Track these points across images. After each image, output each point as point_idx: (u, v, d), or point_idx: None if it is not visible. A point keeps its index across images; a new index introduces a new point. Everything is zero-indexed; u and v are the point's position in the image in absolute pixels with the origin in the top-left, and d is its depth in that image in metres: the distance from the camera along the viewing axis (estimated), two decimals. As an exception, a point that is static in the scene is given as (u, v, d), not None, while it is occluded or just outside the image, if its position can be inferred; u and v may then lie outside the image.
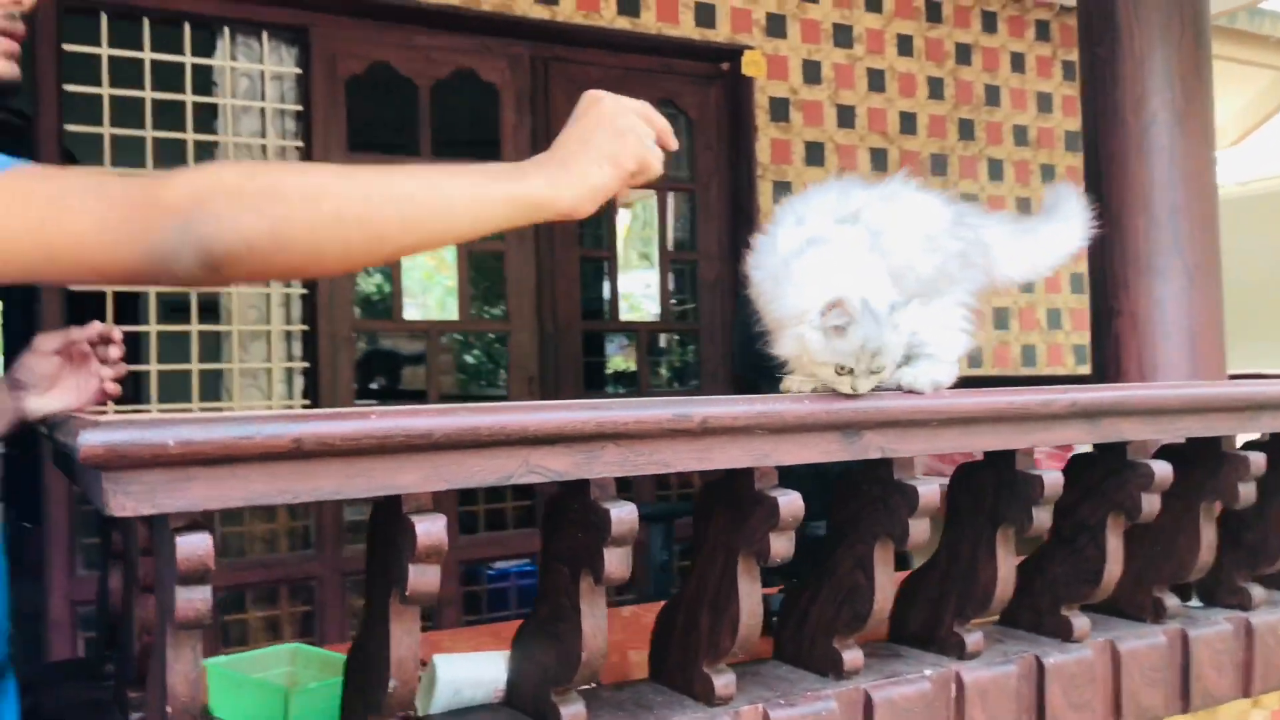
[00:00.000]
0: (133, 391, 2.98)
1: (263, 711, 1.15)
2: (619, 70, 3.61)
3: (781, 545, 1.04)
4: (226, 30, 3.08)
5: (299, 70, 3.14)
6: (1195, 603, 1.55)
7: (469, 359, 10.22)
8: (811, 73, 3.91)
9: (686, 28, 3.67)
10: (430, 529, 0.87)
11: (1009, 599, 1.25)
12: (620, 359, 6.99)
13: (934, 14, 4.21)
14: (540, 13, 3.40)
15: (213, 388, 3.10)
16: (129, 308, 3.59)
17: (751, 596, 1.07)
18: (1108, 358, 2.58)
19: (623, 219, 8.90)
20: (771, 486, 1.04)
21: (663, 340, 5.62)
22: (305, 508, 3.15)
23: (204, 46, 3.08)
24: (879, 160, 4.03)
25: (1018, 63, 4.45)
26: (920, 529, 1.10)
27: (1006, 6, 4.40)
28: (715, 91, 3.79)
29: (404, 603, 0.89)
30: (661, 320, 3.93)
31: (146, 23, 2.96)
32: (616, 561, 0.96)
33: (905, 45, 4.14)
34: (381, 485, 0.85)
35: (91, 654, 1.42)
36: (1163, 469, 1.26)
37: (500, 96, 3.36)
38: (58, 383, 1.22)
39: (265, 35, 3.11)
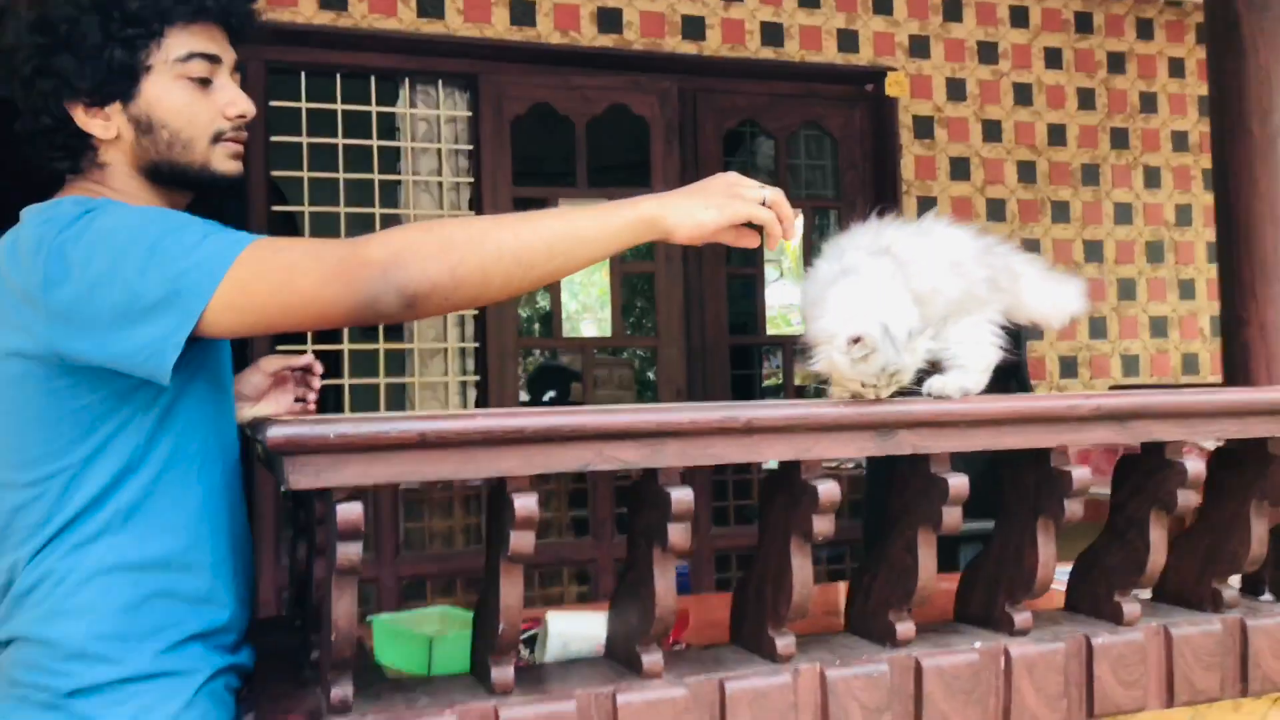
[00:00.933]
0: (333, 402, 3.40)
1: (412, 656, 1.43)
2: (764, 98, 3.82)
3: (824, 526, 1.23)
4: (407, 81, 3.47)
5: (470, 113, 3.50)
6: (1267, 596, 1.63)
7: (650, 375, 10.60)
8: (956, 90, 4.01)
9: (830, 54, 3.85)
10: (525, 503, 1.11)
11: (1050, 582, 1.40)
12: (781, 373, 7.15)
13: (1084, 25, 4.23)
14: (688, 48, 3.66)
15: (398, 399, 3.50)
16: (328, 330, 4.04)
17: (804, 570, 1.27)
18: (1236, 366, 2.62)
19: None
20: (815, 476, 1.24)
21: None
22: (477, 508, 3.51)
23: (388, 96, 3.48)
24: (1026, 172, 4.09)
25: (1177, 68, 4.40)
26: (953, 516, 1.28)
27: (1163, 12, 4.36)
28: (859, 112, 3.94)
29: (508, 561, 1.14)
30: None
31: (339, 78, 3.38)
32: (679, 535, 1.18)
33: (1054, 58, 4.17)
34: (487, 469, 1.10)
35: (287, 613, 1.74)
36: (1195, 467, 1.38)
37: (650, 128, 3.62)
38: (265, 396, 1.54)
39: (440, 83, 3.49)
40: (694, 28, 3.67)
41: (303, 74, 3.34)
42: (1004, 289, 1.32)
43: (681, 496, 1.16)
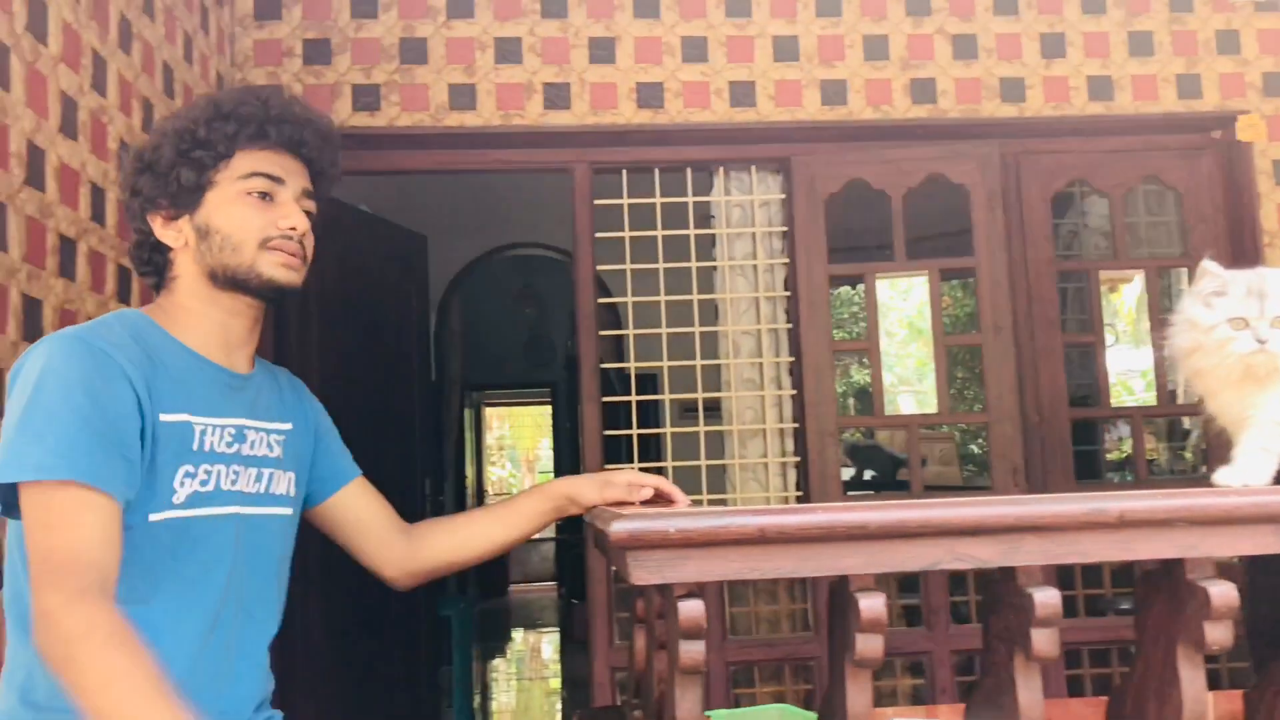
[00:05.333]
0: (655, 486, 3.46)
1: (753, 756, 1.38)
2: (1095, 155, 3.58)
3: (1219, 635, 1.08)
4: (721, 170, 3.55)
5: (783, 195, 3.51)
6: None
7: (974, 449, 10.09)
8: (1323, 127, 3.57)
9: (1168, 103, 3.55)
10: (872, 604, 1.05)
11: None
12: (1126, 445, 6.57)
13: None
14: (1008, 112, 3.50)
15: (718, 481, 3.51)
16: (650, 411, 4.16)
17: (1194, 684, 1.12)
18: None
19: (1127, 296, 8.38)
20: (1204, 577, 1.09)
21: (1178, 423, 5.24)
22: (804, 592, 3.43)
23: (702, 186, 3.57)
24: None
25: None
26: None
27: None
28: (1205, 162, 3.60)
29: (855, 665, 1.08)
30: (1158, 405, 3.74)
31: (657, 173, 3.51)
32: (1045, 641, 1.07)
33: None
34: (829, 566, 1.05)
35: (623, 701, 1.75)
36: None
37: (971, 195, 3.48)
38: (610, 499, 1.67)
39: (753, 169, 3.54)
40: (1013, 90, 3.51)
41: (623, 172, 3.50)
42: None
43: (1046, 599, 1.05)
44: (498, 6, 3.37)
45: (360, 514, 1.68)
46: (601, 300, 3.56)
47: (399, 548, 1.68)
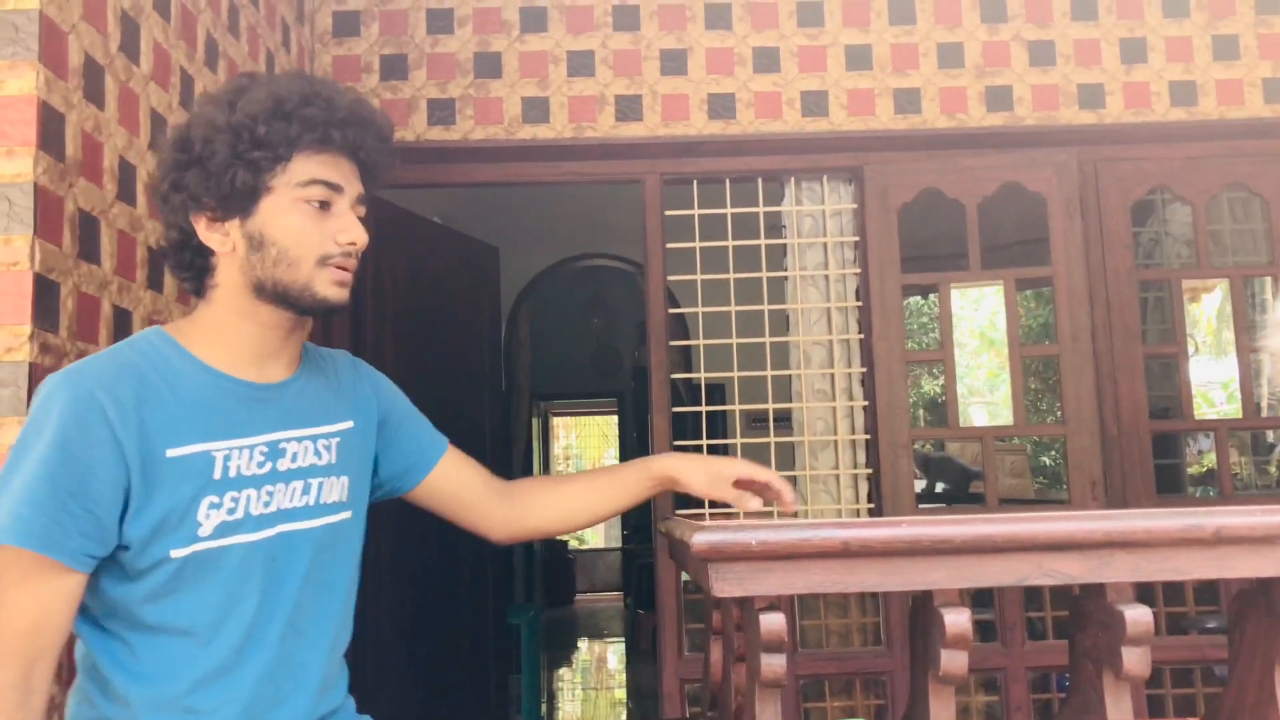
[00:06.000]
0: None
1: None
2: (1177, 162, 3.50)
3: (1319, 656, 1.05)
4: (792, 180, 3.53)
5: (855, 205, 3.49)
6: None
7: (1045, 461, 9.89)
8: None
9: (1254, 107, 3.46)
10: (957, 620, 1.04)
11: None
12: (1208, 459, 6.41)
13: None
14: (1086, 118, 3.44)
15: (789, 493, 3.48)
16: (719, 422, 4.15)
17: (1293, 706, 1.08)
18: None
19: (1207, 306, 8.16)
20: (1304, 597, 1.06)
21: (1262, 437, 5.10)
22: (876, 606, 3.39)
23: (773, 196, 3.56)
24: None
25: None
26: None
27: None
28: (1294, 167, 3.50)
29: (939, 682, 1.07)
30: (1244, 416, 3.63)
31: (728, 183, 3.50)
32: (1136, 660, 1.05)
33: None
34: (913, 581, 1.04)
35: (694, 713, 1.74)
36: None
37: (1048, 204, 3.42)
38: (715, 494, 1.57)
39: (824, 179, 3.52)
40: (1092, 96, 3.44)
41: (694, 182, 3.50)
42: None
43: (1138, 617, 1.03)
44: (570, 20, 3.40)
45: (458, 489, 1.62)
46: (671, 310, 3.57)
47: (500, 513, 1.63)
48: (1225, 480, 3.44)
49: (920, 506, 3.82)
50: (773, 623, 1.04)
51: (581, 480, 1.69)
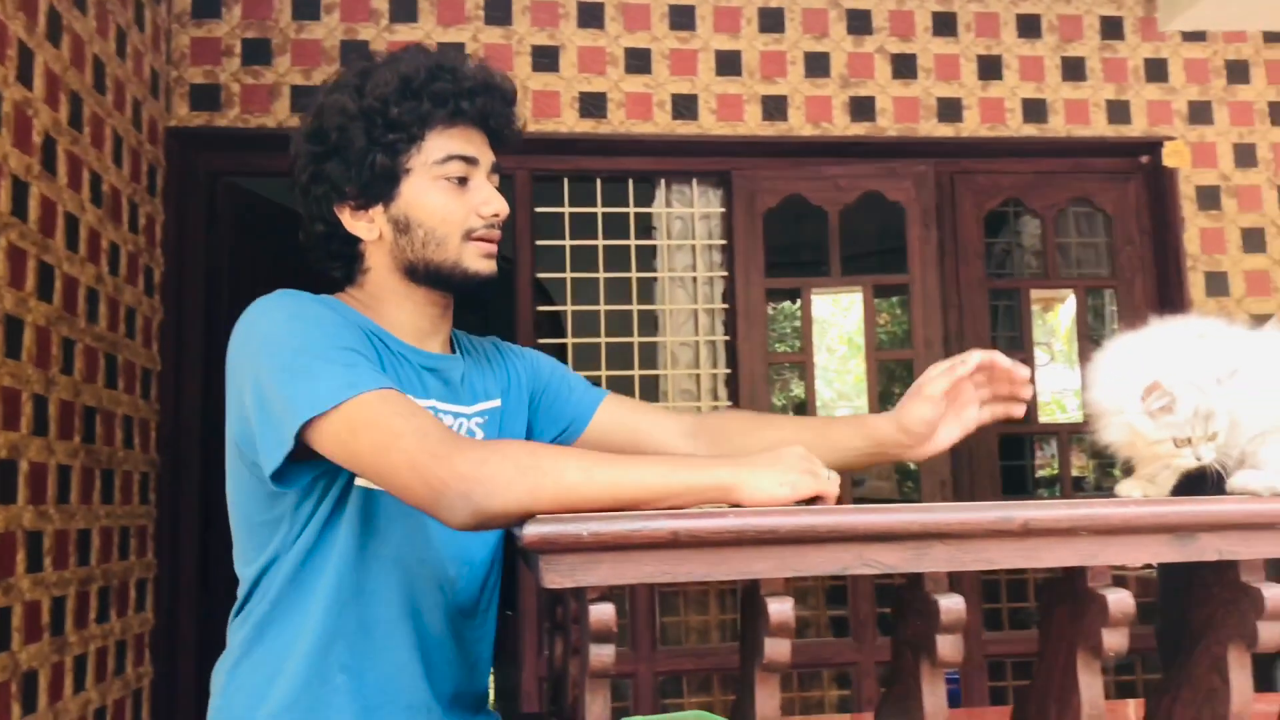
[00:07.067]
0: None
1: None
2: (1028, 176, 3.66)
3: (1115, 641, 1.10)
4: (662, 181, 3.57)
5: (723, 209, 3.54)
6: None
7: (911, 464, 10.21)
8: (1245, 156, 3.69)
9: (1099, 127, 3.64)
10: (781, 609, 1.06)
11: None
12: (1056, 462, 6.70)
13: (1398, 75, 3.80)
14: (944, 131, 3.57)
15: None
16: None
17: (1092, 689, 1.14)
18: None
19: (1064, 315, 8.55)
20: (1104, 585, 1.12)
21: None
22: (734, 602, 3.45)
23: (644, 197, 3.59)
24: (1336, 241, 3.68)
25: None
26: (1272, 633, 1.11)
27: None
28: (1134, 186, 3.70)
29: (764, 670, 1.09)
30: (1085, 421, 3.81)
31: (598, 183, 3.52)
32: (949, 647, 1.09)
33: (1362, 113, 3.76)
34: (740, 570, 1.06)
35: (544, 709, 1.75)
36: None
37: (906, 213, 3.54)
38: (943, 421, 1.43)
39: (694, 182, 3.57)
40: (950, 110, 3.57)
41: (565, 180, 3.51)
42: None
43: (951, 605, 1.07)
44: (441, 12, 3.37)
45: (627, 435, 1.55)
46: (541, 308, 3.56)
47: (687, 451, 1.55)
48: (1067, 481, 3.62)
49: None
50: (602, 613, 1.05)
51: (789, 429, 1.58)
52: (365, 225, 1.36)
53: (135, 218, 2.92)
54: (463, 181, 1.36)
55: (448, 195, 1.35)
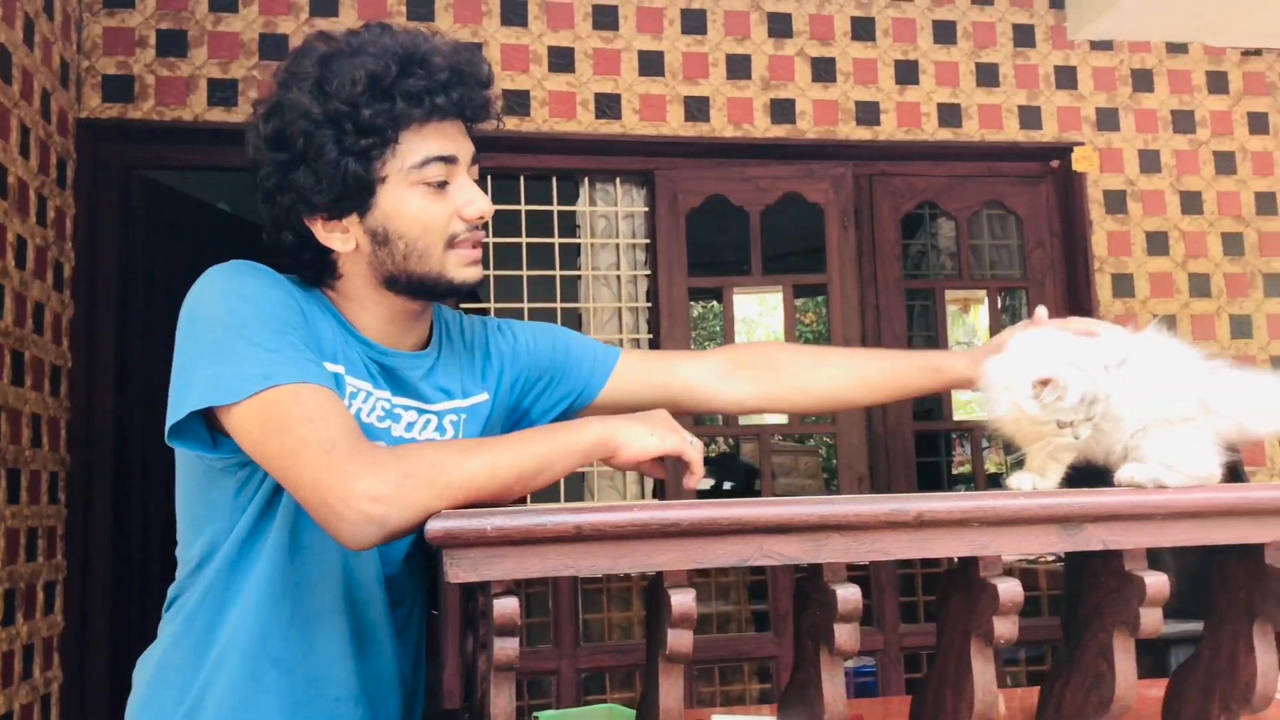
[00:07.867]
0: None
1: (577, 754, 1.40)
2: (943, 179, 3.74)
3: (1005, 629, 1.15)
4: (586, 180, 3.58)
5: (646, 208, 3.57)
6: None
7: (835, 463, 10.38)
8: (1150, 162, 3.82)
9: (1011, 132, 3.74)
10: (683, 600, 1.08)
11: (1271, 694, 1.25)
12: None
13: (1293, 86, 3.97)
14: (862, 134, 3.63)
15: (576, 493, 3.53)
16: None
17: (985, 675, 1.18)
18: None
19: (983, 316, 8.76)
20: (995, 575, 1.16)
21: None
22: (657, 599, 3.48)
23: (568, 195, 3.60)
24: (1233, 244, 3.83)
25: (1404, 126, 4.05)
26: (1151, 619, 1.16)
27: (1385, 68, 4.04)
28: (1044, 189, 3.81)
29: (667, 660, 1.11)
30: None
31: (522, 180, 3.52)
32: (846, 636, 1.12)
33: (1259, 123, 3.92)
34: (644, 563, 1.08)
35: (461, 705, 1.75)
36: None
37: (825, 215, 3.60)
38: None
39: (618, 181, 3.58)
40: (868, 113, 3.64)
41: (489, 178, 3.49)
42: (1220, 412, 1.23)
43: (848, 595, 1.10)
44: (362, 7, 3.34)
45: (652, 390, 1.51)
46: (464, 305, 3.55)
47: (729, 393, 1.53)
48: (979, 476, 3.71)
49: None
50: (506, 607, 1.06)
51: (853, 361, 1.56)
52: (340, 237, 1.28)
53: (44, 211, 2.85)
54: (442, 185, 1.27)
55: (427, 201, 1.26)
